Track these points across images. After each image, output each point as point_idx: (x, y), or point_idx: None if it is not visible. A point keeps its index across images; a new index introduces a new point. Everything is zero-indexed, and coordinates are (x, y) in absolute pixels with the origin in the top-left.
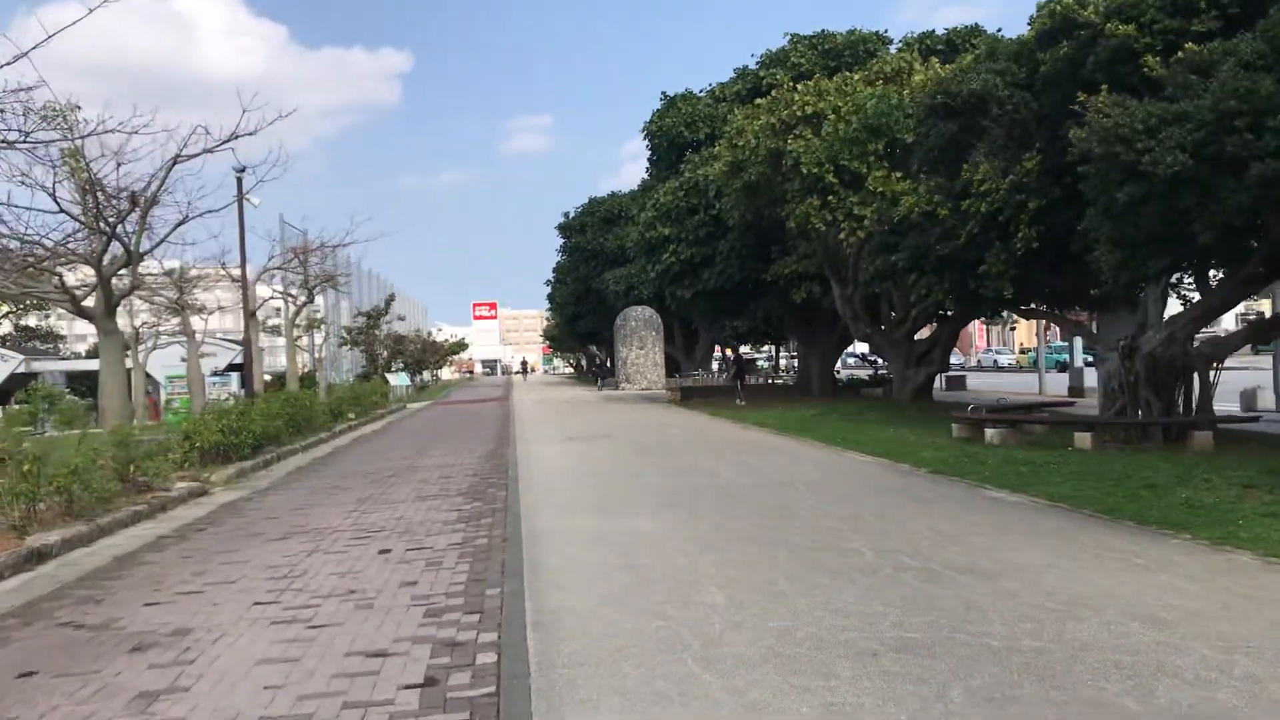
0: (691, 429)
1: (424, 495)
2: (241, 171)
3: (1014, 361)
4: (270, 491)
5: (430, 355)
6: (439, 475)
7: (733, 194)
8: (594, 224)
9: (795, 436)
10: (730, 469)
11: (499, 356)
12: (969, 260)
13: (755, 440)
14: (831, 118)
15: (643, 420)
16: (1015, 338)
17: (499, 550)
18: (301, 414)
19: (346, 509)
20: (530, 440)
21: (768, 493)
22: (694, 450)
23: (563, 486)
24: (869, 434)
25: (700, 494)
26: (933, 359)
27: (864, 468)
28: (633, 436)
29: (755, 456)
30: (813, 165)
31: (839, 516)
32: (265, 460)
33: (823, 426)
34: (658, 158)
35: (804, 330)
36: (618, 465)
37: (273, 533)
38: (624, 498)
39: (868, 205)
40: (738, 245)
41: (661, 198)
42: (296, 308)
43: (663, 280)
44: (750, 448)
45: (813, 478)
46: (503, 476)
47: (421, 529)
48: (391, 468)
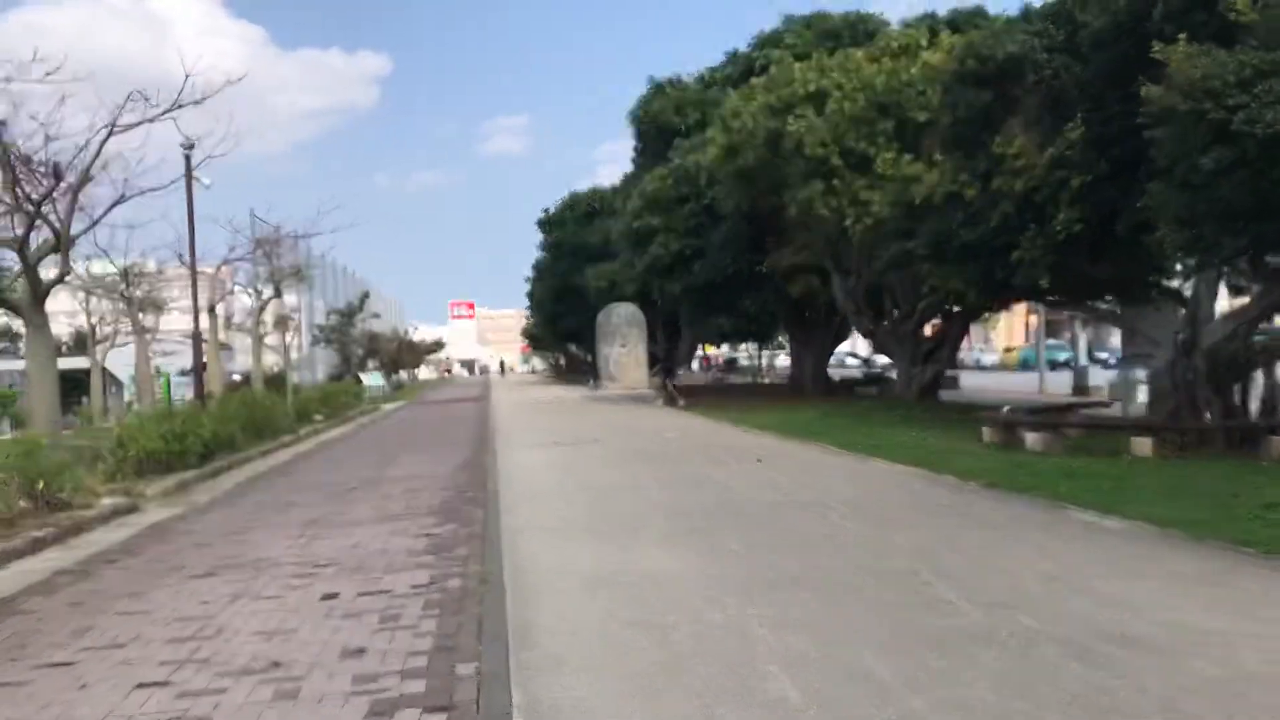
0: (687, 432)
1: (388, 515)
2: (190, 148)
3: (998, 361)
4: (211, 508)
5: (407, 355)
6: (407, 489)
7: (726, 181)
8: (575, 219)
9: (806, 441)
10: (745, 481)
11: (477, 356)
12: (997, 246)
13: (762, 446)
14: (836, 95)
15: (632, 423)
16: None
17: (475, 597)
18: (261, 417)
19: (293, 533)
20: (511, 445)
21: (800, 513)
22: (696, 458)
23: (552, 503)
24: (887, 438)
25: (717, 514)
26: (940, 357)
27: (901, 480)
28: (624, 441)
29: (770, 466)
30: (816, 147)
31: (903, 549)
32: (214, 470)
33: (832, 430)
34: (644, 146)
35: (798, 327)
36: (613, 476)
37: (197, 566)
38: (626, 519)
39: (876, 189)
40: (731, 236)
41: (649, 186)
42: (262, 303)
43: (650, 273)
44: (762, 456)
45: (846, 493)
46: (481, 490)
47: (380, 562)
48: (355, 478)
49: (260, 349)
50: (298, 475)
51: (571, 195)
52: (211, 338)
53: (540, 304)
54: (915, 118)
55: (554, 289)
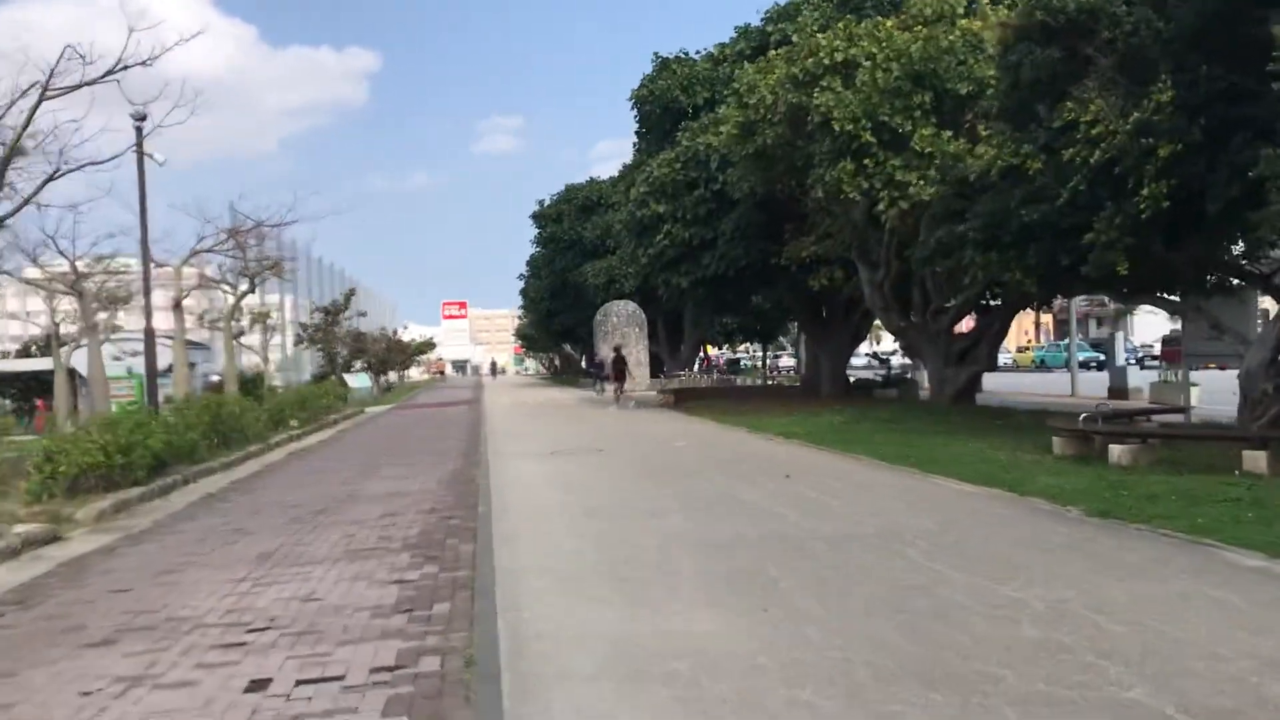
0: (702, 441)
1: (356, 549)
2: (141, 119)
3: (1012, 360)
4: (148, 537)
5: (396, 355)
6: (383, 511)
7: (741, 163)
8: (572, 212)
9: (842, 452)
10: (785, 504)
11: (469, 356)
12: (1064, 228)
13: (794, 458)
14: (866, 66)
15: (635, 429)
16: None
17: (458, 694)
18: (228, 423)
19: (236, 574)
20: (505, 455)
21: (872, 551)
22: (717, 472)
23: (554, 534)
24: (938, 450)
25: (765, 551)
26: (976, 356)
27: (979, 504)
28: (630, 451)
29: (811, 484)
30: (846, 122)
31: (1038, 611)
32: (165, 486)
33: (867, 438)
34: (648, 128)
35: (814, 325)
36: (626, 496)
37: (99, 628)
38: (651, 558)
39: (913, 169)
40: (744, 225)
41: (656, 171)
42: (236, 298)
43: (655, 266)
44: (796, 470)
45: (920, 523)
46: (470, 513)
47: (336, 625)
48: (324, 497)
49: (233, 348)
50: (260, 492)
51: (568, 188)
52: (178, 336)
53: (535, 302)
54: (955, 89)
55: (549, 286)
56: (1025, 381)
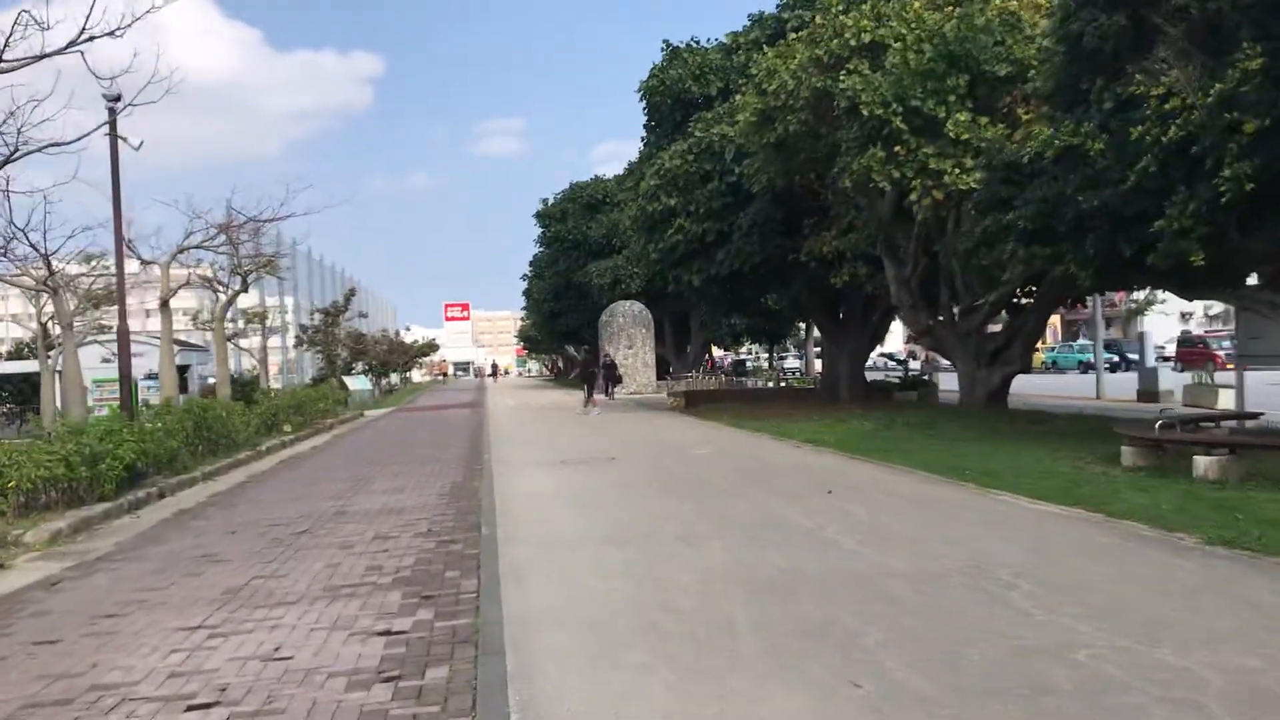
0: (723, 448)
1: (338, 583)
2: (115, 100)
3: None
4: (101, 565)
5: (398, 357)
6: (375, 533)
7: (759, 154)
8: (576, 211)
9: (883, 462)
10: (843, 531)
11: (472, 358)
12: (1128, 215)
13: (830, 470)
14: (896, 47)
15: (649, 435)
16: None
17: None
18: (215, 429)
19: (190, 620)
20: (510, 464)
21: (971, 599)
22: (751, 486)
23: (573, 568)
24: (990, 460)
25: (835, 596)
26: (1010, 357)
27: (1070, 530)
28: (647, 460)
29: (860, 502)
30: (875, 106)
31: (1232, 696)
32: (136, 500)
33: (905, 447)
34: (658, 120)
35: (831, 325)
36: (650, 516)
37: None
38: (696, 606)
39: (947, 157)
40: (761, 219)
41: (667, 163)
42: (227, 297)
43: (666, 263)
44: (837, 484)
45: (1009, 555)
46: (472, 536)
47: (301, 702)
48: (310, 514)
49: (226, 350)
50: (241, 507)
51: (572, 186)
52: (164, 337)
53: (538, 303)
54: (993, 71)
55: (553, 286)
56: (1041, 383)
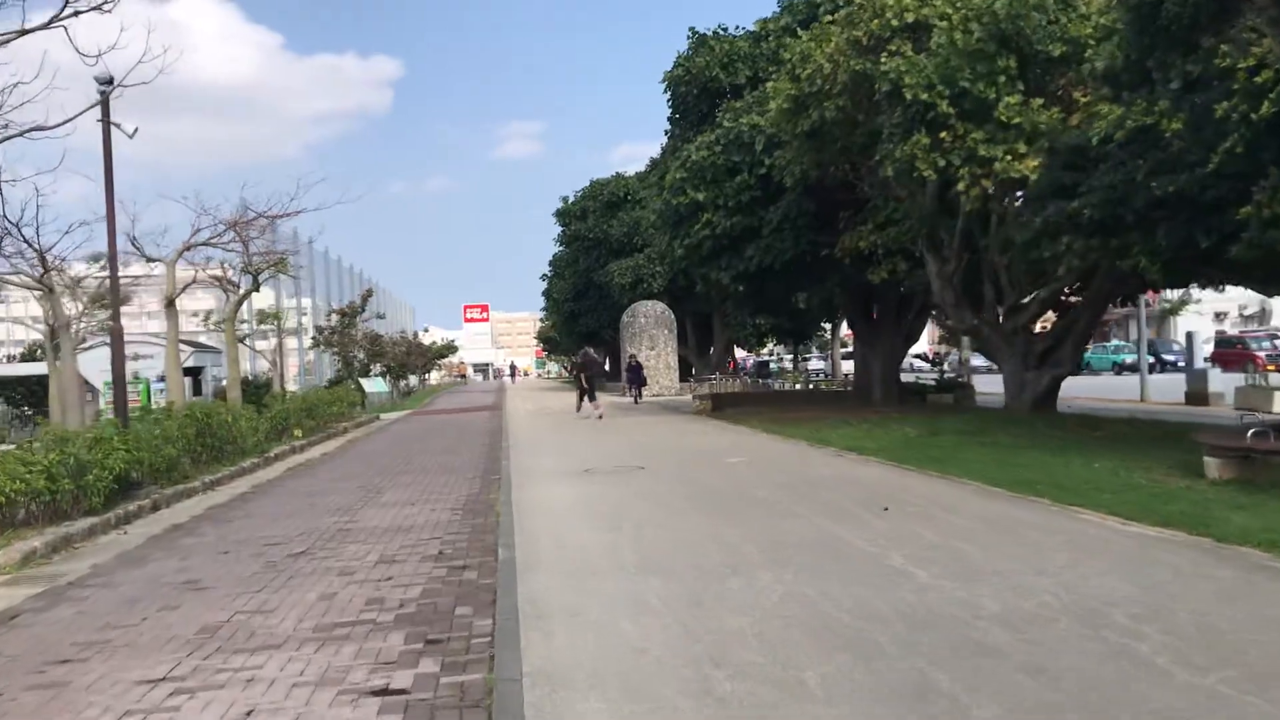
0: (759, 457)
1: (333, 621)
2: (108, 85)
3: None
4: (69, 594)
5: (416, 358)
6: (378, 557)
7: (792, 143)
8: (597, 209)
9: (939, 474)
10: (912, 558)
11: (491, 360)
12: (1207, 201)
13: (882, 483)
14: (942, 26)
15: (676, 441)
16: None
17: None
18: (219, 435)
19: (154, 670)
20: (530, 473)
21: (1088, 652)
22: (796, 501)
23: (607, 606)
24: (1057, 472)
25: (922, 647)
26: (1060, 358)
27: (1176, 559)
28: (678, 470)
29: (924, 521)
30: (919, 90)
31: None
32: (126, 514)
33: (958, 455)
34: (683, 112)
35: (865, 325)
36: (689, 538)
37: None
38: (757, 658)
39: (997, 143)
40: (792, 213)
41: (694, 155)
42: (239, 297)
43: (692, 259)
44: (892, 499)
45: (1116, 591)
46: (488, 560)
47: None
48: (311, 532)
49: (236, 351)
50: (237, 522)
51: (593, 183)
52: (170, 338)
53: (558, 303)
54: (1046, 51)
55: (573, 286)
56: (1077, 385)
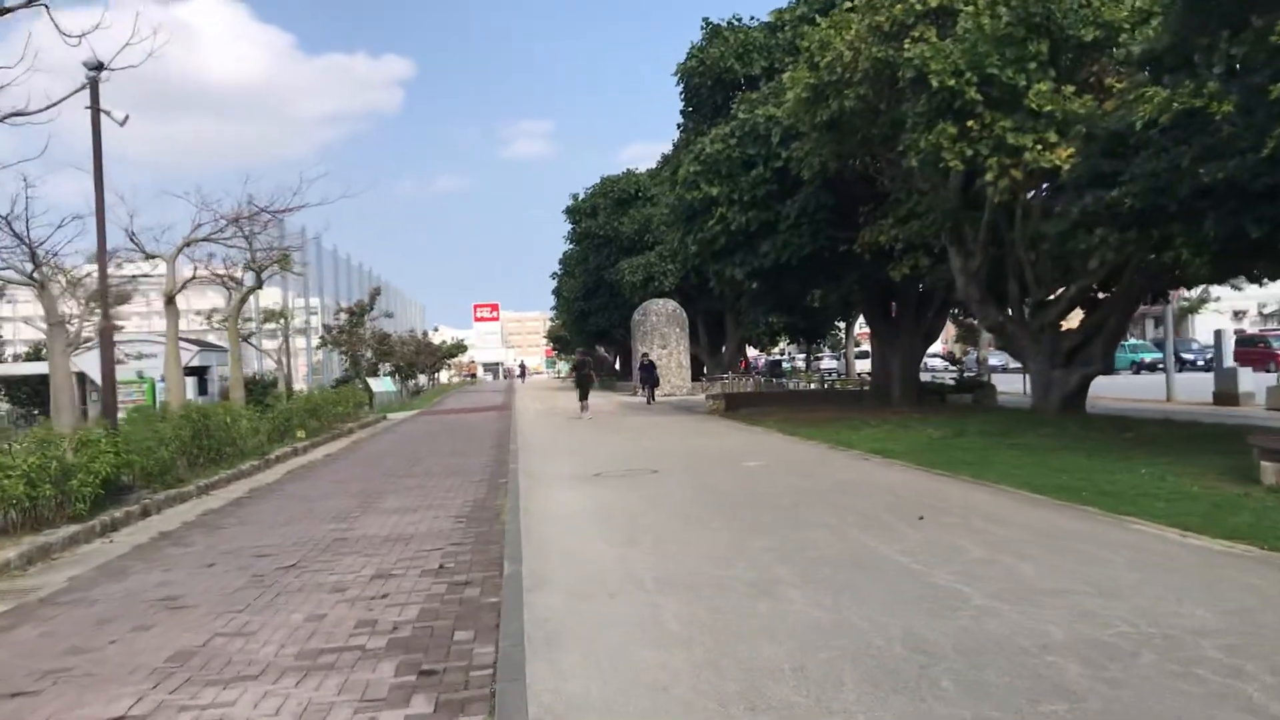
0: (778, 459)
1: (316, 648)
2: (97, 70)
3: None
4: (38, 612)
5: (425, 358)
6: (374, 571)
7: (810, 135)
8: (608, 206)
9: (973, 479)
10: (959, 575)
11: (501, 359)
12: (1259, 190)
13: (911, 488)
14: (968, 11)
15: (694, 443)
16: None
17: None
18: (217, 436)
19: (113, 703)
20: (539, 477)
21: (1188, 694)
22: (823, 509)
23: (624, 632)
24: (1099, 476)
25: (991, 688)
26: (1090, 356)
27: (1259, 579)
28: (694, 473)
29: (963, 531)
30: (946, 76)
31: None
32: (112, 521)
33: (989, 459)
34: (697, 104)
35: (883, 322)
36: (711, 550)
37: None
38: (794, 698)
39: (1026, 132)
40: (810, 207)
41: (708, 148)
42: (241, 294)
43: (706, 255)
44: (926, 507)
45: (1204, 621)
46: (492, 574)
47: None
48: (305, 541)
49: (239, 349)
50: (228, 530)
51: (603, 180)
52: (169, 336)
53: (568, 301)
54: (1078, 36)
55: (583, 284)
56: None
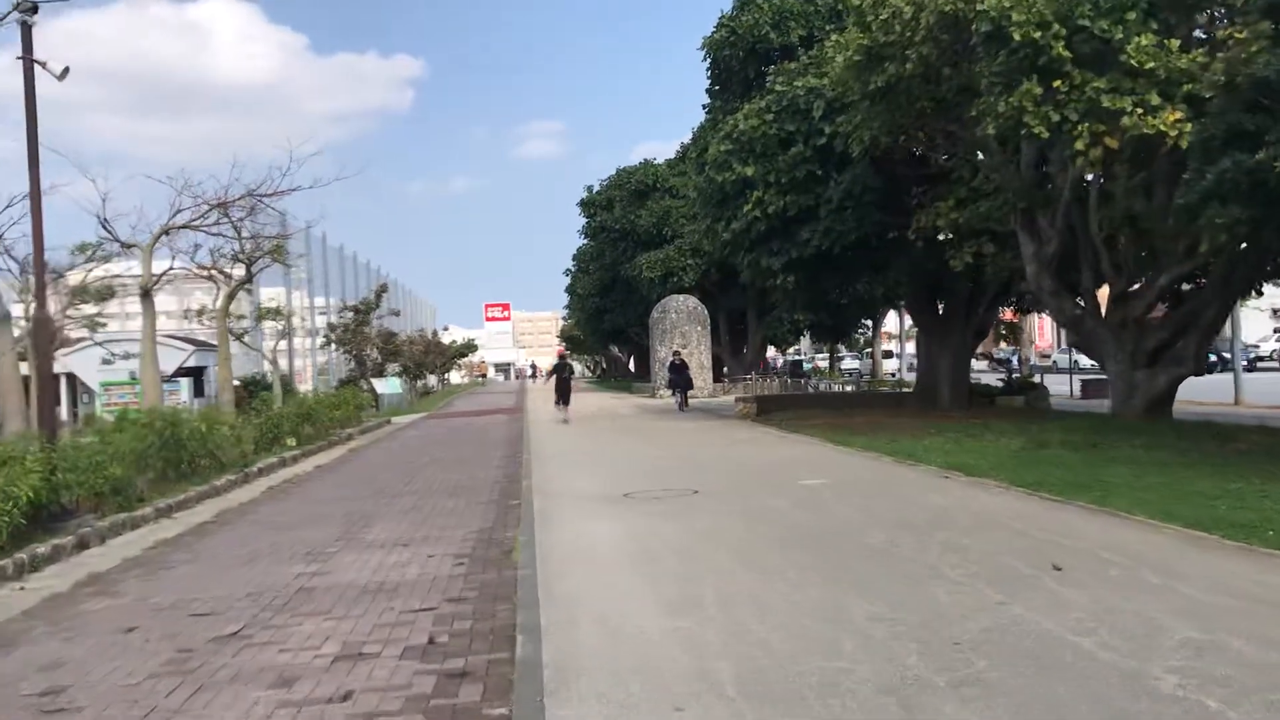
0: (843, 479)
1: None
2: (30, 11)
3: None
4: None
5: (434, 358)
6: (339, 649)
7: (862, 104)
8: (624, 198)
9: (1102, 509)
10: (1199, 681)
11: (513, 359)
12: None
13: (1025, 519)
14: None
15: (733, 454)
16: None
17: None
18: (190, 447)
19: None
20: (557, 498)
21: None
22: (931, 553)
23: None
24: (1251, 503)
25: None
26: (1181, 355)
27: None
28: (746, 496)
29: (1144, 596)
30: (1028, 29)
31: None
32: (35, 557)
33: (1105, 478)
34: (725, 81)
35: (930, 318)
36: (806, 631)
37: None
38: None
39: (1124, 94)
40: (857, 189)
41: (742, 124)
42: (230, 289)
43: (740, 244)
44: (1059, 551)
45: None
46: (500, 657)
47: None
48: (262, 590)
49: (228, 349)
50: (176, 571)
51: (619, 171)
52: (145, 334)
53: (582, 299)
54: None
55: (598, 281)
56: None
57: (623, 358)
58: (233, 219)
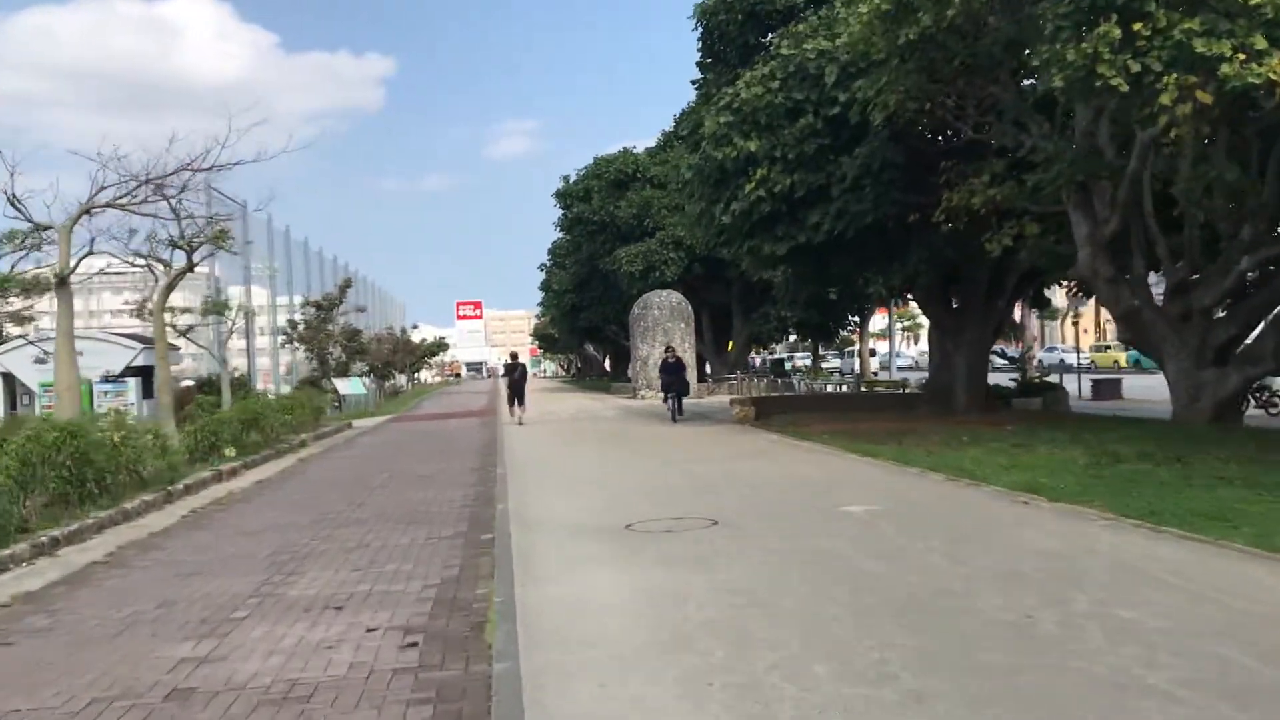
0: (897, 506)
1: None
2: None
3: (1090, 361)
4: None
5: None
6: None
7: (890, 62)
8: (602, 189)
9: (1262, 554)
10: None
11: (485, 358)
12: None
13: (1169, 566)
14: None
15: (746, 469)
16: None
17: None
18: (97, 464)
19: None
20: (540, 530)
21: None
22: (1083, 633)
23: None
24: None
25: None
26: (1257, 352)
27: None
28: (783, 530)
29: None
30: None
31: None
32: None
33: (1232, 508)
34: (719, 51)
35: (945, 311)
36: None
37: None
38: None
39: (1221, 37)
40: (875, 165)
41: (744, 92)
42: (168, 279)
43: (740, 229)
44: (1252, 621)
45: None
46: None
47: None
48: (108, 698)
49: (165, 346)
50: (8, 652)
51: (597, 160)
52: (60, 328)
53: (558, 295)
54: None
55: (575, 276)
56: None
57: (599, 357)
58: (167, 197)
